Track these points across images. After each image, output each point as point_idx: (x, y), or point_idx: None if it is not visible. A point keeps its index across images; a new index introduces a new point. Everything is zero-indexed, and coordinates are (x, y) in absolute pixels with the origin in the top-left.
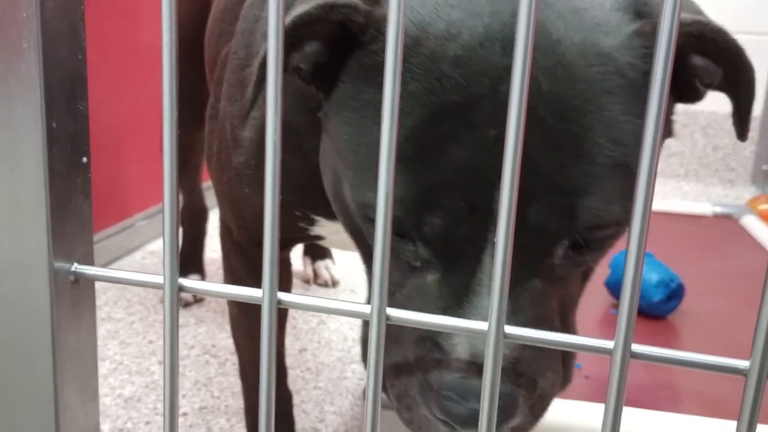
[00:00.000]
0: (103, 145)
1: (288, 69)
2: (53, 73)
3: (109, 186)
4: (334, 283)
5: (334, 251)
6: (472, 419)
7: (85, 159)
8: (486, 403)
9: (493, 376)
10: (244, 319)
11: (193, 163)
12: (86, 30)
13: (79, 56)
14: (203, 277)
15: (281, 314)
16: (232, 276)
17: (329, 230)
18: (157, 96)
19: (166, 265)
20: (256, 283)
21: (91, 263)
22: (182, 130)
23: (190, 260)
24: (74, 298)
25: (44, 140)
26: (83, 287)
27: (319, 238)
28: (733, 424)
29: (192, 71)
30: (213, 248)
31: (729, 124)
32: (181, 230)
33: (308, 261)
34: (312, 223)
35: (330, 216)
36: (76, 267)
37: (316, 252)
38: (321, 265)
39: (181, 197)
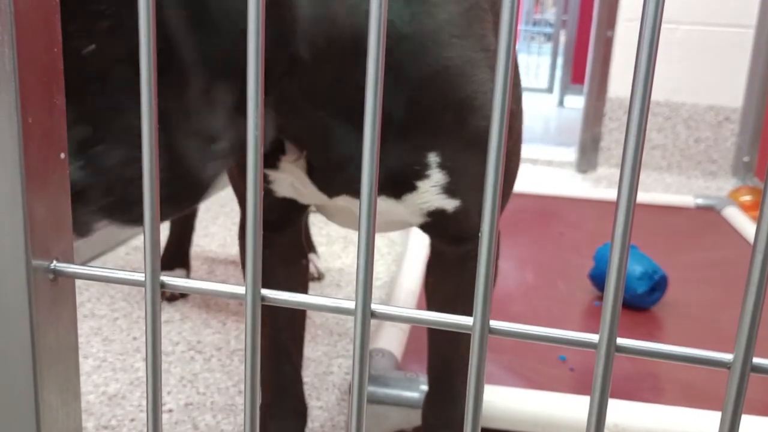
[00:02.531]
0: None
1: None
2: (28, 67)
3: None
4: (320, 277)
5: (320, 246)
6: None
7: (62, 155)
8: (471, 402)
9: (478, 371)
10: (264, 315)
11: None
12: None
13: (55, 50)
14: (188, 273)
15: (300, 315)
16: (242, 263)
17: (286, 187)
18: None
19: (147, 263)
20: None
21: (70, 260)
22: None
23: (176, 255)
24: (54, 296)
25: (20, 136)
26: (63, 285)
27: (294, 206)
28: (717, 414)
29: None
30: (198, 243)
31: (711, 117)
32: (168, 224)
33: None
34: (268, 181)
35: (272, 165)
36: (54, 265)
37: None
38: (306, 251)
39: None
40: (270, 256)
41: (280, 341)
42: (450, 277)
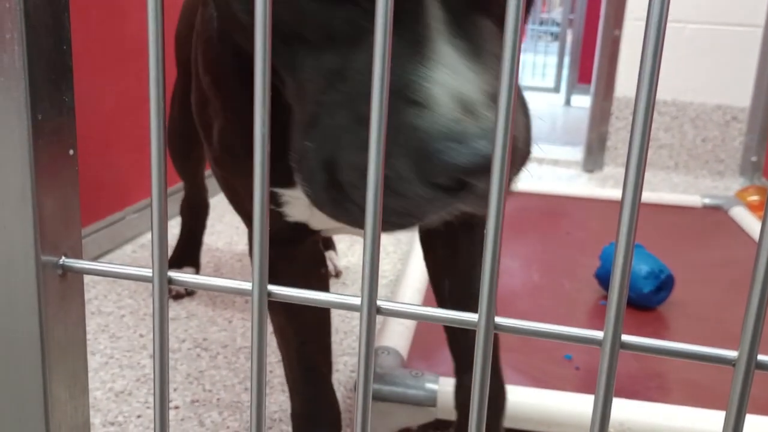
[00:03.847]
0: (92, 138)
1: None
2: (38, 64)
3: (99, 179)
4: (338, 274)
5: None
6: (483, 160)
7: (71, 151)
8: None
9: (483, 368)
10: (274, 317)
11: (195, 154)
12: (71, 20)
13: (64, 47)
14: (198, 271)
15: (326, 323)
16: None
17: (300, 209)
18: (147, 86)
19: (155, 258)
20: (288, 278)
21: (79, 256)
22: (186, 120)
23: (186, 253)
24: (62, 292)
25: (29, 133)
26: (71, 281)
27: (306, 228)
28: (723, 414)
29: None
30: (205, 241)
31: (718, 116)
32: (179, 221)
33: None
34: (279, 202)
35: (288, 183)
36: (63, 260)
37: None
38: (325, 256)
39: (173, 190)
40: (289, 268)
41: (307, 351)
42: (462, 245)
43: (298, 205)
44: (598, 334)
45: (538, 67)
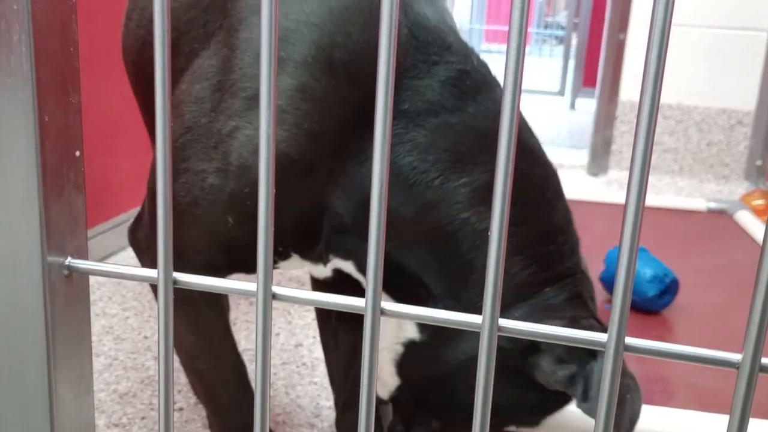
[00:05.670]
0: (96, 140)
1: None
2: (44, 66)
3: (103, 181)
4: None
5: None
6: None
7: (77, 153)
8: (480, 400)
9: (487, 371)
10: (206, 344)
11: None
12: (78, 23)
13: (71, 49)
14: None
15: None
16: (186, 303)
17: (291, 265)
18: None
19: (160, 259)
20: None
21: (84, 257)
22: None
23: None
24: (68, 293)
25: (36, 134)
26: (77, 282)
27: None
28: (727, 417)
29: None
30: None
31: (723, 120)
32: None
33: None
34: (286, 257)
35: (304, 252)
36: (69, 261)
37: None
38: None
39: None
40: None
41: (242, 364)
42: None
43: (292, 262)
44: (602, 337)
45: (543, 70)
